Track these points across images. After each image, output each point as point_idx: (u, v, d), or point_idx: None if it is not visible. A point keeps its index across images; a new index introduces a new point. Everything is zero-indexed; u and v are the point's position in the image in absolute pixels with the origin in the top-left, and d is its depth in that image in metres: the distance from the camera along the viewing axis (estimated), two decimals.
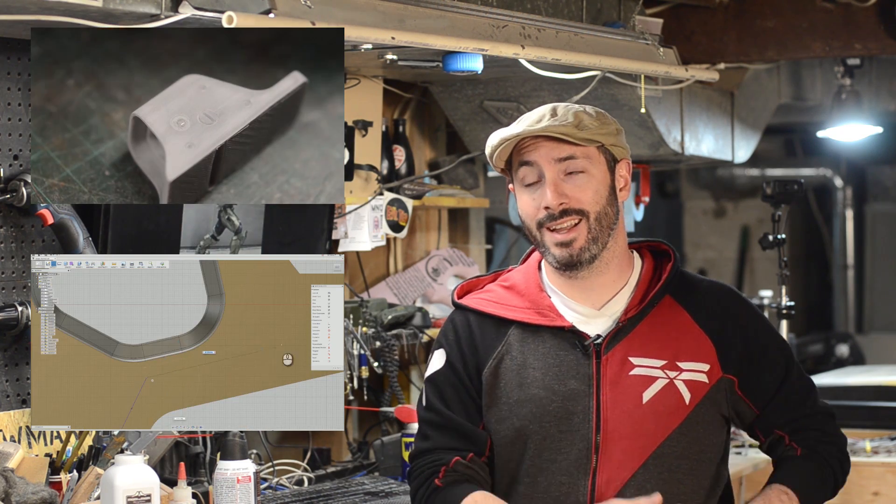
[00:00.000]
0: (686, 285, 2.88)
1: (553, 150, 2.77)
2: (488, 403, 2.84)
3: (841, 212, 9.73)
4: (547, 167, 2.77)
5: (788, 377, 2.88)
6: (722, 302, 2.88)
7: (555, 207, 2.76)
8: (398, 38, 3.24)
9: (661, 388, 2.78)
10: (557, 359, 2.81)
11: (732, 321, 2.86)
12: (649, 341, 2.81)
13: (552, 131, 2.75)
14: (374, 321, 4.32)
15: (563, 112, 2.78)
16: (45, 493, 2.98)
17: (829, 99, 6.29)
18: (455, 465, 2.82)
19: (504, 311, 2.86)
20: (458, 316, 2.91)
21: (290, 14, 2.94)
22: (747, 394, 2.84)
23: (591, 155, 2.79)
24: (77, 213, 3.34)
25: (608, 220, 2.80)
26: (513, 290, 2.89)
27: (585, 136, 2.77)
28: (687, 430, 2.79)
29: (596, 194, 2.78)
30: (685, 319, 2.84)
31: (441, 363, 2.88)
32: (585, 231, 2.78)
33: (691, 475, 2.80)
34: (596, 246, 2.79)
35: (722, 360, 2.82)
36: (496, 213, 5.83)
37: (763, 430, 2.89)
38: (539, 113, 2.80)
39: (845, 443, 2.93)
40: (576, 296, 2.84)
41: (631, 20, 4.33)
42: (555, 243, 2.78)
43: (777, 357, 2.88)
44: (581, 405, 2.78)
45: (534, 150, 2.78)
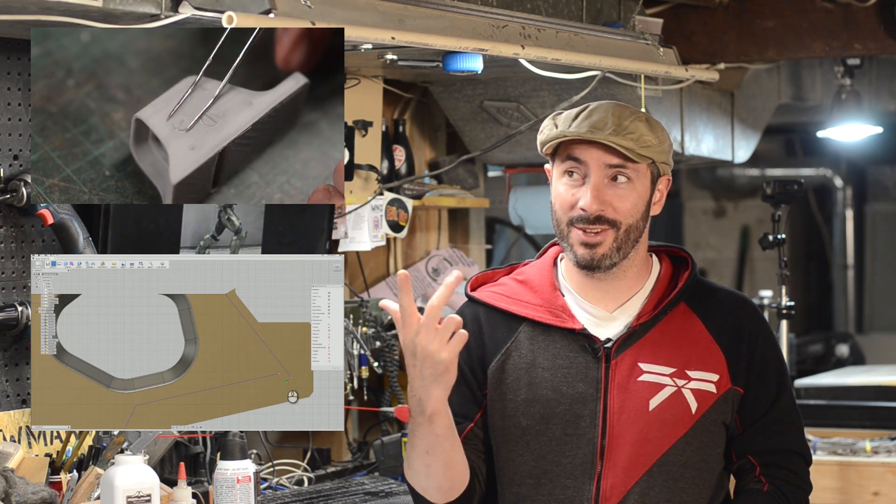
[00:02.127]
0: (702, 293, 2.86)
1: (605, 157, 2.74)
2: (493, 398, 2.83)
3: (841, 212, 9.72)
4: (595, 170, 2.74)
5: (779, 401, 2.84)
6: (736, 312, 2.85)
7: (592, 212, 2.74)
8: (398, 38, 3.24)
9: (668, 396, 2.77)
10: (567, 360, 2.79)
11: (745, 333, 2.83)
12: (660, 348, 2.79)
13: (613, 142, 2.72)
14: (374, 321, 4.32)
15: (627, 123, 2.73)
16: (45, 493, 2.98)
17: (829, 99, 6.29)
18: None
19: (516, 306, 2.84)
20: (467, 309, 2.89)
21: (290, 14, 2.94)
22: (740, 411, 2.82)
23: (639, 169, 2.77)
24: (77, 213, 3.34)
25: (637, 233, 2.79)
26: (526, 285, 2.87)
27: (643, 154, 2.75)
28: (692, 438, 2.77)
29: (633, 208, 2.76)
30: (698, 328, 2.82)
31: None
32: (612, 240, 2.76)
33: (695, 484, 2.79)
34: (618, 255, 2.77)
35: (732, 372, 2.80)
36: (496, 213, 5.82)
37: (738, 452, 2.84)
38: (601, 116, 2.74)
39: (810, 492, 2.88)
40: (590, 296, 2.83)
41: (631, 20, 4.33)
42: (580, 242, 2.76)
43: (773, 379, 2.85)
44: (588, 409, 2.77)
45: (586, 150, 2.75)
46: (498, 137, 4.71)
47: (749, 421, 2.83)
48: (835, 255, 9.85)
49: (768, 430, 2.83)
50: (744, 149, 5.54)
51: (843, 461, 4.69)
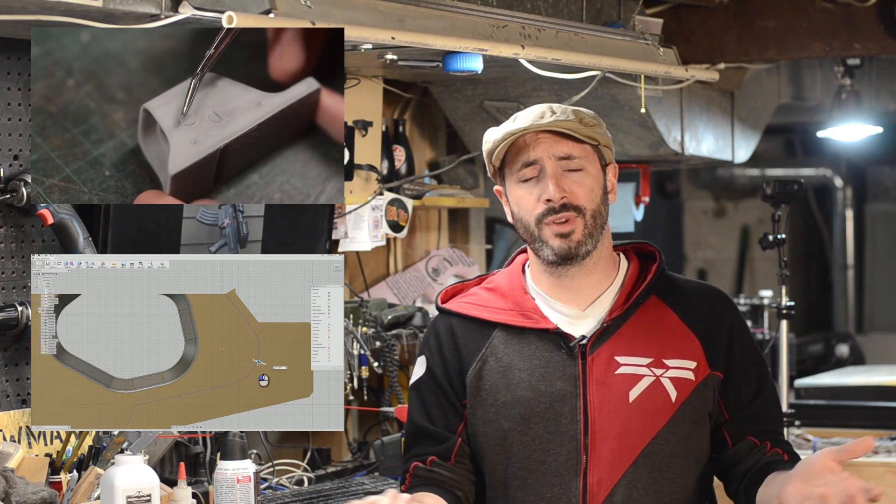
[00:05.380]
0: (672, 286, 2.89)
1: (554, 147, 2.79)
2: (473, 405, 2.84)
3: (841, 212, 9.72)
4: (548, 162, 2.79)
5: (763, 389, 2.86)
6: (709, 301, 2.88)
7: (556, 200, 2.77)
8: (398, 38, 3.24)
9: (647, 387, 2.78)
10: (543, 360, 2.81)
11: (719, 320, 2.85)
12: (635, 340, 2.81)
13: (560, 126, 2.78)
14: (374, 321, 4.32)
15: (562, 110, 2.81)
16: (45, 493, 2.98)
17: (829, 99, 6.28)
18: (414, 469, 2.85)
19: (487, 313, 2.87)
20: (440, 321, 2.92)
21: (290, 14, 2.94)
22: (723, 396, 2.83)
23: (587, 154, 2.82)
24: (77, 213, 3.34)
25: (601, 219, 2.82)
26: (496, 292, 2.90)
27: (588, 133, 2.80)
28: (675, 427, 2.78)
29: (591, 192, 2.80)
30: (671, 318, 2.84)
31: (422, 371, 2.90)
32: (582, 226, 2.79)
33: (682, 474, 2.80)
34: (591, 242, 2.80)
35: (709, 358, 2.82)
36: (496, 213, 5.82)
37: (732, 435, 2.84)
38: (538, 110, 2.82)
39: None
40: (561, 297, 2.85)
41: (631, 20, 4.33)
42: (555, 234, 2.79)
43: (754, 365, 2.86)
44: (568, 406, 2.78)
45: (535, 147, 2.80)
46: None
47: (737, 408, 2.83)
48: (835, 254, 9.85)
49: (761, 415, 2.84)
50: (744, 149, 5.55)
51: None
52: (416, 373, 2.91)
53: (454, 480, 2.84)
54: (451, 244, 5.02)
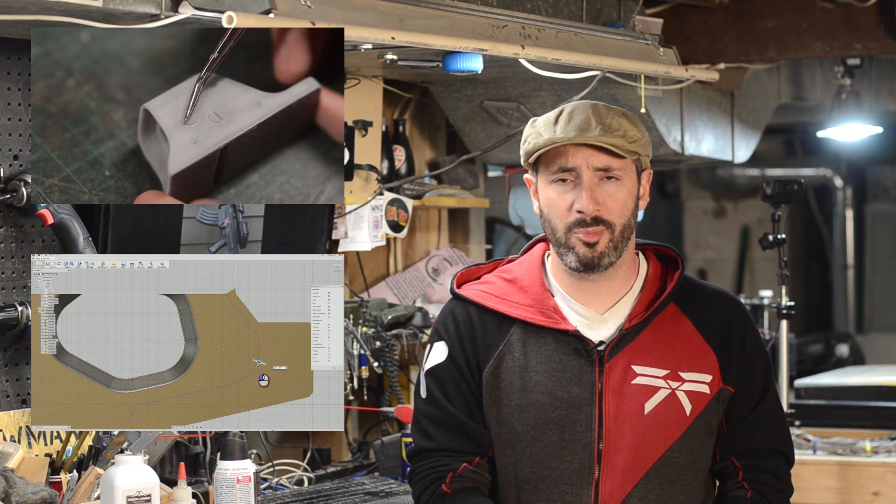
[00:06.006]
0: (691, 293, 2.86)
1: (593, 158, 2.75)
2: (488, 404, 2.82)
3: (841, 212, 9.72)
4: (585, 172, 2.75)
5: (763, 400, 2.85)
6: (725, 312, 2.86)
7: (589, 213, 2.74)
8: (398, 38, 3.24)
9: (662, 399, 2.77)
10: (561, 363, 2.78)
11: (734, 332, 2.84)
12: (652, 350, 2.79)
13: (605, 143, 2.73)
14: (374, 321, 4.32)
15: (611, 121, 2.75)
16: (45, 493, 2.98)
17: (829, 99, 6.29)
18: (463, 471, 2.80)
19: (507, 307, 2.83)
20: (458, 307, 2.87)
21: (290, 14, 2.94)
22: (727, 408, 2.83)
23: (626, 166, 2.78)
24: (77, 213, 3.34)
25: (629, 231, 2.80)
26: (515, 284, 2.86)
27: (632, 150, 2.76)
28: (687, 440, 2.78)
29: (624, 207, 2.77)
30: (688, 329, 2.83)
31: (443, 356, 2.84)
32: (608, 240, 2.76)
33: (690, 485, 2.80)
34: (615, 254, 2.78)
35: (723, 372, 2.81)
36: (496, 213, 5.82)
37: (722, 452, 2.85)
38: (583, 118, 2.75)
39: (791, 495, 2.89)
40: (581, 298, 2.82)
41: (631, 20, 4.33)
42: (582, 241, 2.75)
43: (759, 378, 2.86)
44: (584, 413, 2.76)
45: (574, 154, 2.75)
46: (498, 137, 4.71)
47: (734, 420, 2.83)
48: (835, 255, 9.85)
49: (753, 429, 2.84)
50: (744, 149, 5.54)
51: (843, 461, 4.69)
52: (434, 358, 2.85)
53: (489, 483, 2.83)
54: (451, 244, 5.02)
